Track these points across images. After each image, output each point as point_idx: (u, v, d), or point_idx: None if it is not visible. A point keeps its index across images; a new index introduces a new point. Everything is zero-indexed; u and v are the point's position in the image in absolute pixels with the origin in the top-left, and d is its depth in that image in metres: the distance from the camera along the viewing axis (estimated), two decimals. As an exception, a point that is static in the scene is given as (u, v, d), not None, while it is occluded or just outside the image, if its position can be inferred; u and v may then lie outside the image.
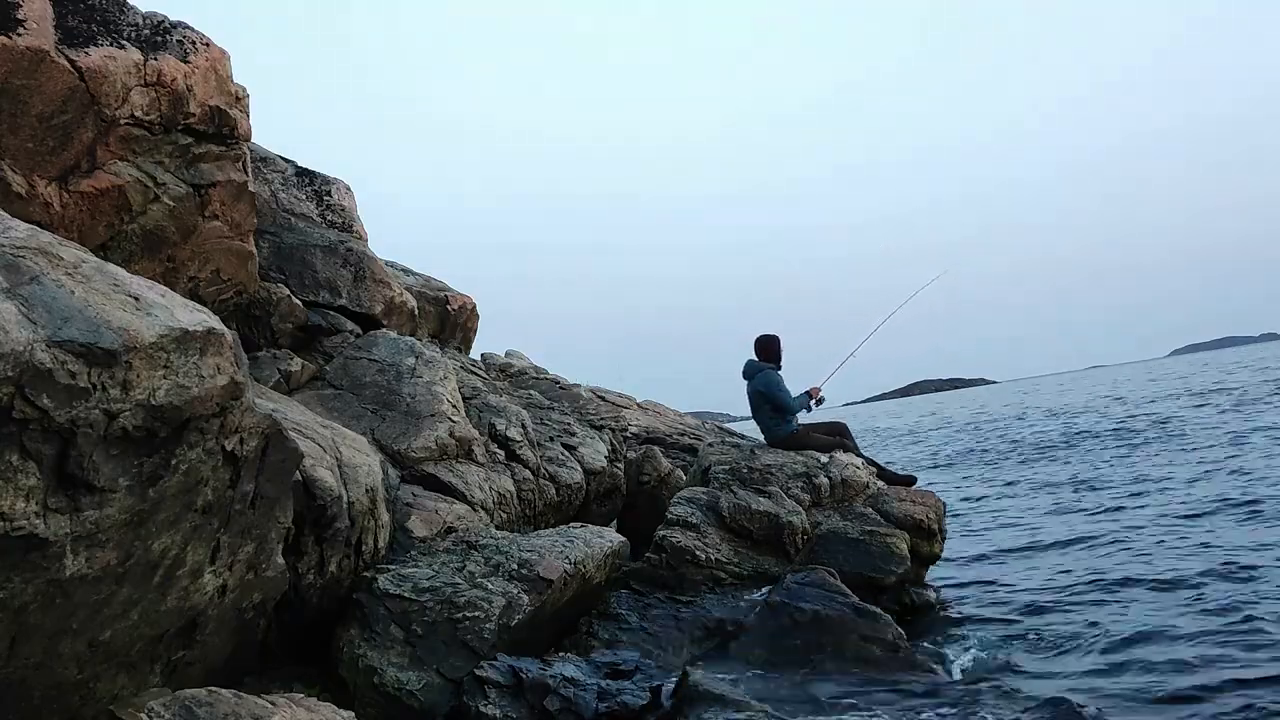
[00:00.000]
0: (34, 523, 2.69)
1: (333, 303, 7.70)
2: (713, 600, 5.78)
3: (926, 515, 6.84)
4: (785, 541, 6.34)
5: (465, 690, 4.23)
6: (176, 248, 5.83)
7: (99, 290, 3.07)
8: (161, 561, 3.28)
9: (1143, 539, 8.02)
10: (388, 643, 4.46)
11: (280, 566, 4.13)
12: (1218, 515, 8.61)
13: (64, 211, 5.02)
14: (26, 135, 4.76)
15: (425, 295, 9.77)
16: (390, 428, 6.33)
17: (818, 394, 7.96)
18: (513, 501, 6.73)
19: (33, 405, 2.63)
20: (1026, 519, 10.17)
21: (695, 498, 6.71)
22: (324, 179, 8.76)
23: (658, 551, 6.18)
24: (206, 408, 3.21)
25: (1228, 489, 9.93)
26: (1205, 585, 6.21)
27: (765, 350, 8.01)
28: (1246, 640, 5.01)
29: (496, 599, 4.68)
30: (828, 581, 5.68)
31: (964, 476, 15.59)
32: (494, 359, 12.36)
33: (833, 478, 7.10)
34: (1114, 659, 5.09)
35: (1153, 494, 10.49)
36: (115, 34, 5.14)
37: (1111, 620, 5.79)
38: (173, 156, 5.59)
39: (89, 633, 3.10)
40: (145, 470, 3.03)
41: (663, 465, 8.97)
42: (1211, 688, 4.39)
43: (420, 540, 5.43)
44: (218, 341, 3.28)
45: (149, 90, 5.24)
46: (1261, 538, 7.35)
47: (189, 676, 3.71)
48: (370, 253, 8.29)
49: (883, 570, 6.28)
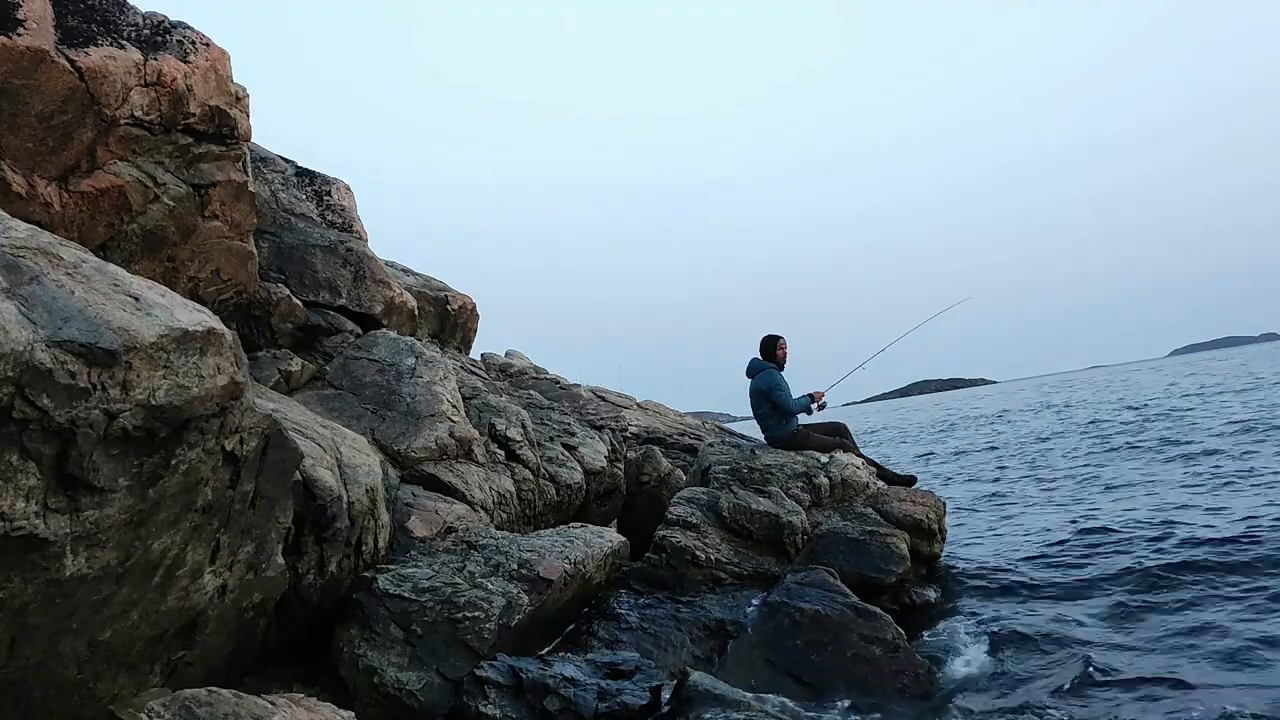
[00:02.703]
0: (34, 523, 2.69)
1: (333, 303, 7.70)
2: (713, 600, 5.77)
3: (926, 515, 6.84)
4: (785, 541, 6.34)
5: (465, 690, 4.23)
6: (176, 248, 5.83)
7: (99, 290, 3.08)
8: (161, 561, 3.28)
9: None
10: (388, 643, 4.46)
11: (280, 566, 4.13)
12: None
13: (64, 211, 5.02)
14: (26, 135, 4.76)
15: (425, 295, 9.77)
16: (390, 428, 6.33)
17: (820, 398, 7.97)
18: (513, 501, 6.73)
19: (33, 405, 2.63)
20: (1041, 518, 10.13)
21: (695, 498, 6.71)
22: (324, 179, 8.76)
23: (658, 551, 6.18)
24: (206, 408, 3.21)
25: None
26: (1216, 599, 5.95)
27: (768, 350, 8.04)
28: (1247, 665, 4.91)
29: (496, 599, 4.68)
30: (828, 581, 5.69)
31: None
32: (494, 359, 12.37)
33: (833, 478, 7.10)
34: (1115, 658, 5.08)
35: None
36: (115, 34, 5.14)
37: (1114, 620, 5.79)
38: (173, 156, 5.59)
39: (89, 633, 3.10)
40: (145, 470, 3.04)
41: (663, 465, 8.97)
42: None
43: (420, 540, 5.43)
44: (218, 341, 3.28)
45: (149, 90, 5.24)
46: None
47: (189, 676, 3.71)
48: (370, 253, 8.29)
49: (883, 570, 6.28)
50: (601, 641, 5.27)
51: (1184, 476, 11.43)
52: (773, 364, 7.97)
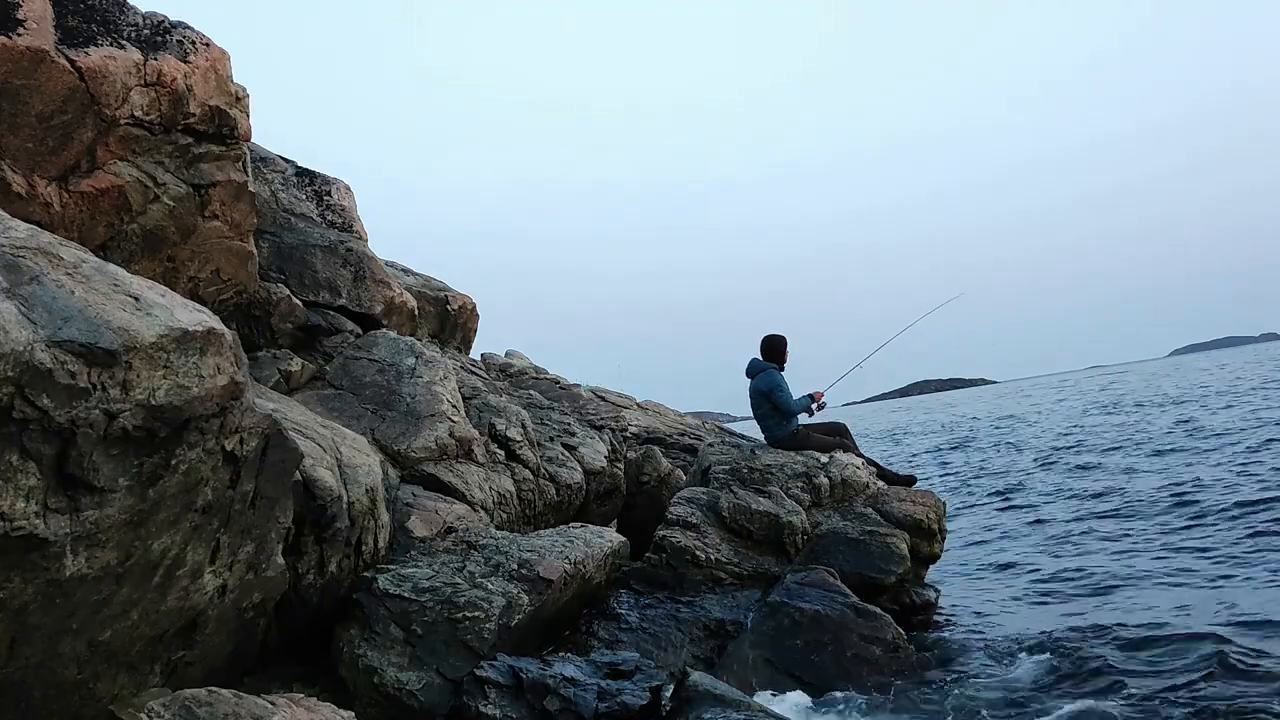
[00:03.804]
0: (34, 523, 2.69)
1: (333, 303, 7.70)
2: (713, 600, 5.77)
3: (927, 515, 6.83)
4: (785, 541, 6.33)
5: (465, 690, 4.23)
6: (176, 248, 5.83)
7: (99, 290, 3.08)
8: (161, 561, 3.28)
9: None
10: (388, 643, 4.46)
11: (280, 566, 4.13)
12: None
13: (64, 211, 5.02)
14: (26, 135, 4.76)
15: (425, 295, 9.77)
16: (390, 428, 6.33)
17: (820, 398, 7.95)
18: (513, 501, 6.73)
19: (33, 405, 2.63)
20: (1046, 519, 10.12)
21: (695, 498, 6.71)
22: (324, 179, 8.75)
23: (658, 551, 6.18)
24: (206, 408, 3.21)
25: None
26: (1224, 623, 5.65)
27: (770, 350, 7.99)
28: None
29: (496, 599, 4.68)
30: (828, 581, 5.69)
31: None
32: (494, 359, 12.36)
33: (833, 478, 7.10)
34: (1115, 658, 5.08)
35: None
36: (115, 34, 5.14)
37: (1113, 620, 5.79)
38: (173, 156, 5.59)
39: (89, 633, 3.10)
40: (145, 470, 3.04)
41: (663, 465, 8.96)
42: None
43: (420, 540, 5.43)
44: (218, 341, 3.28)
45: (149, 90, 5.24)
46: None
47: (189, 676, 3.71)
48: (370, 253, 8.29)
49: (883, 570, 6.27)
50: (601, 641, 5.27)
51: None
52: (774, 364, 7.94)
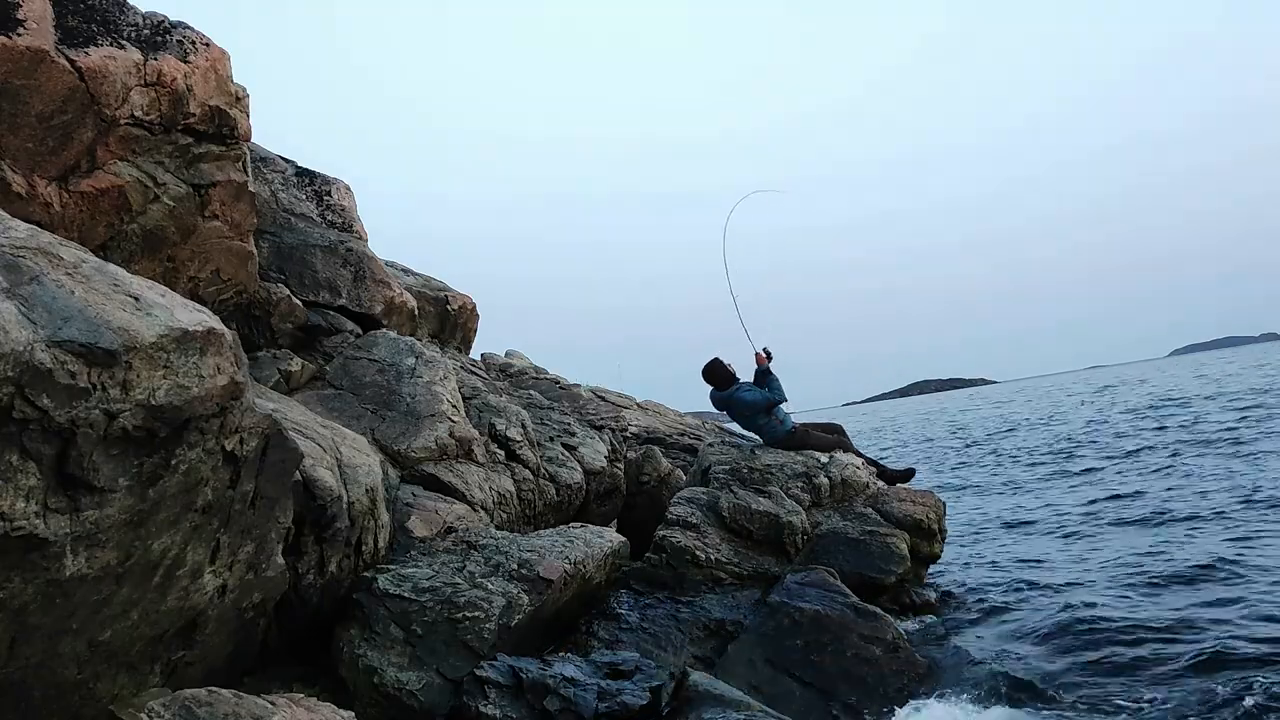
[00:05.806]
0: (34, 523, 2.69)
1: (333, 303, 7.70)
2: (713, 600, 5.77)
3: (926, 515, 6.84)
4: (785, 541, 6.34)
5: (465, 690, 4.23)
6: (176, 248, 5.83)
7: (99, 290, 3.08)
8: (161, 561, 3.28)
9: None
10: (388, 643, 4.46)
11: (280, 566, 4.13)
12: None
13: (64, 211, 5.02)
14: (26, 135, 4.76)
15: (425, 295, 9.77)
16: (390, 428, 6.33)
17: (764, 358, 7.86)
18: (513, 501, 6.73)
19: (33, 405, 2.63)
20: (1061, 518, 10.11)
21: (695, 498, 6.71)
22: (324, 179, 8.76)
23: (658, 551, 6.18)
24: (206, 408, 3.21)
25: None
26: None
27: (720, 376, 7.92)
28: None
29: (496, 599, 4.68)
30: (828, 581, 5.68)
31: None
32: (494, 359, 12.37)
33: (833, 478, 7.10)
34: (1115, 659, 5.07)
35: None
36: (115, 34, 5.14)
37: (1115, 618, 5.78)
38: (173, 156, 5.59)
39: (89, 633, 3.10)
40: (145, 470, 3.04)
41: (663, 465, 8.97)
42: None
43: (420, 540, 5.43)
44: (218, 341, 3.28)
45: (149, 90, 5.24)
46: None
47: (189, 676, 3.71)
48: (370, 253, 8.29)
49: (883, 570, 6.28)
50: (601, 641, 5.27)
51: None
52: (731, 384, 7.86)
